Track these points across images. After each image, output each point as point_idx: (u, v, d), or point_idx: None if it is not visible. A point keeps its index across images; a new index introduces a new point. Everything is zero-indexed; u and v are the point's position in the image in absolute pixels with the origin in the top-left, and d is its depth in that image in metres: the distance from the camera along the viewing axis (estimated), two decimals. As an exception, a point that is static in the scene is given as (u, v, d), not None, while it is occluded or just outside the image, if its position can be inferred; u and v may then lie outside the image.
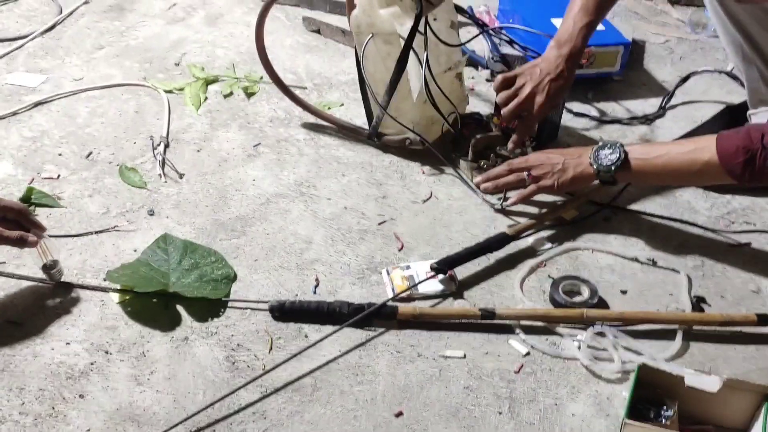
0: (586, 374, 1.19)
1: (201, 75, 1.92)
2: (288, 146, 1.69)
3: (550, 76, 1.46)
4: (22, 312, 1.26)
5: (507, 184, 1.47)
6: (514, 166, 1.46)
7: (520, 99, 1.49)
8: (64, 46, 2.05)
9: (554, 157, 1.43)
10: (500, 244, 1.39)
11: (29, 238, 1.22)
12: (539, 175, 1.43)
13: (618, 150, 1.34)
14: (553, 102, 1.50)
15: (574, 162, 1.40)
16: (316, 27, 2.15)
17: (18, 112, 1.77)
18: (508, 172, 1.47)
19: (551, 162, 1.42)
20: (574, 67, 1.49)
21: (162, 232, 1.41)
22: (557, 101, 1.52)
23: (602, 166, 1.35)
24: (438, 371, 1.19)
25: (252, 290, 1.32)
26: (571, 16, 1.48)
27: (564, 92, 1.51)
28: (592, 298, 1.29)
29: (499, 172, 1.49)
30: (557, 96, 1.50)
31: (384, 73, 1.56)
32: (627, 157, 1.34)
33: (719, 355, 1.22)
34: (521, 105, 1.50)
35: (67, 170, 1.59)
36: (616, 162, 1.34)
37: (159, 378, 1.16)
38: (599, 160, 1.36)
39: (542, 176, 1.42)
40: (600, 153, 1.36)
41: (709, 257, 1.42)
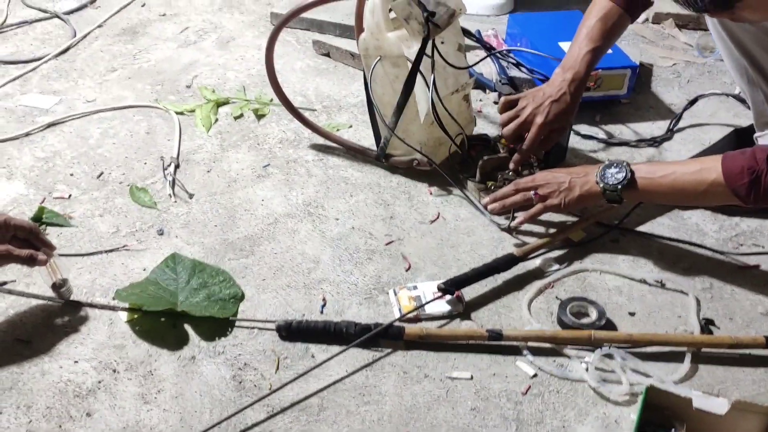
0: (594, 396, 1.18)
1: (212, 97, 1.94)
2: (297, 167, 1.70)
3: (552, 98, 1.48)
4: (31, 330, 1.27)
5: (514, 203, 1.48)
6: (521, 185, 1.47)
7: (521, 120, 1.51)
8: (78, 68, 2.08)
9: (560, 176, 1.43)
10: (508, 265, 1.39)
11: (39, 257, 1.23)
12: (546, 194, 1.43)
13: (624, 169, 1.35)
14: (554, 125, 1.51)
15: (581, 181, 1.40)
16: (326, 50, 2.18)
17: (31, 132, 1.79)
18: (514, 191, 1.48)
19: (557, 181, 1.42)
20: (577, 92, 1.50)
21: (171, 251, 1.42)
22: (558, 124, 1.52)
23: (608, 185, 1.36)
24: (445, 392, 1.19)
25: (260, 310, 1.32)
26: (577, 42, 1.50)
27: (566, 116, 1.52)
28: (599, 320, 1.29)
29: (506, 192, 1.49)
30: (558, 119, 1.50)
31: (392, 95, 1.58)
32: (633, 176, 1.34)
33: (728, 378, 1.22)
34: (521, 125, 1.52)
35: (78, 190, 1.61)
36: (622, 181, 1.34)
37: (166, 397, 1.16)
38: (605, 179, 1.37)
39: (549, 195, 1.43)
40: (606, 172, 1.37)
41: (717, 279, 1.41)
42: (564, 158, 1.73)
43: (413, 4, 1.45)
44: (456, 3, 1.53)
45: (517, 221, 1.48)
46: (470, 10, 2.07)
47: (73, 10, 2.39)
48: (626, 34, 2.32)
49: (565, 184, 1.41)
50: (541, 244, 1.44)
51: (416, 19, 1.46)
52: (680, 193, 1.33)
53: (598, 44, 1.48)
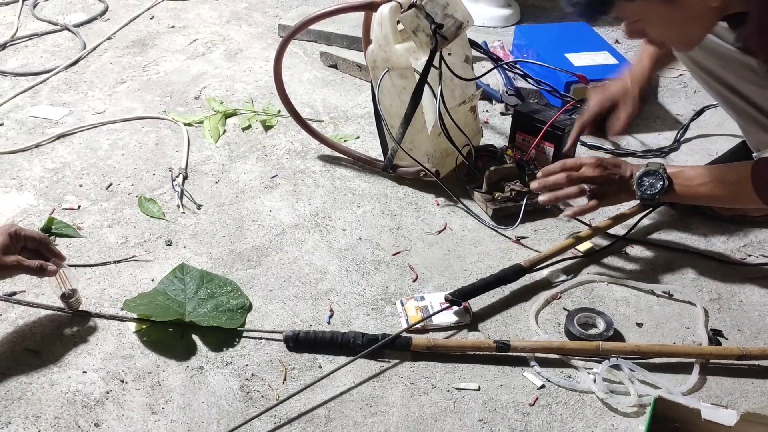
0: (602, 408, 1.18)
1: (220, 108, 1.95)
2: (304, 178, 1.71)
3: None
4: (40, 340, 1.27)
5: (568, 196, 1.42)
6: (575, 175, 1.40)
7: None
8: (87, 80, 2.10)
9: (611, 171, 1.40)
10: (515, 275, 1.39)
11: (49, 268, 1.24)
12: (597, 192, 1.40)
13: (662, 178, 1.35)
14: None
15: (623, 183, 1.39)
16: (333, 62, 2.19)
17: (41, 144, 1.81)
18: (567, 179, 1.41)
19: (609, 177, 1.39)
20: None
21: (179, 262, 1.43)
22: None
23: (646, 194, 1.37)
24: (452, 403, 1.18)
25: (267, 320, 1.33)
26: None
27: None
28: (607, 331, 1.29)
29: (558, 180, 1.42)
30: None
31: (399, 106, 1.58)
32: (671, 185, 1.35)
33: (736, 389, 1.21)
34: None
35: (87, 201, 1.62)
36: (660, 191, 1.36)
37: (174, 407, 1.17)
38: (642, 188, 1.37)
39: (600, 192, 1.40)
40: (644, 181, 1.37)
41: (725, 290, 1.41)
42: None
43: (421, 16, 1.46)
44: (463, 15, 1.54)
45: (571, 212, 1.44)
46: (477, 22, 2.09)
47: (82, 22, 2.42)
48: (632, 45, 2.34)
49: (614, 183, 1.39)
50: (548, 255, 1.44)
51: (424, 30, 1.47)
52: (717, 201, 1.45)
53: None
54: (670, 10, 1.16)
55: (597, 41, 2.05)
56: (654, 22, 1.20)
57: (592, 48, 2.00)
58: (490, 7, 2.45)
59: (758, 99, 1.35)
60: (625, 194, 1.41)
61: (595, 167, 1.39)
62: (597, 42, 2.04)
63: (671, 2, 1.14)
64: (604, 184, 1.39)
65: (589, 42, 2.04)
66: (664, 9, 1.15)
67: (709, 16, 1.19)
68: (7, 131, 1.86)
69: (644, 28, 1.22)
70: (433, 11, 1.47)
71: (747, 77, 1.33)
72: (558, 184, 1.41)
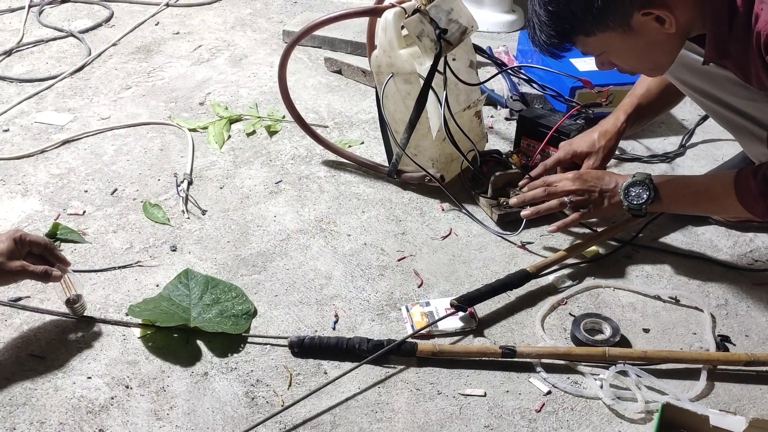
0: (609, 414, 1.17)
1: (225, 114, 1.95)
2: (309, 183, 1.71)
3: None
4: (45, 346, 1.27)
5: (549, 210, 1.46)
6: (554, 188, 1.45)
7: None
8: (93, 86, 2.11)
9: (591, 183, 1.43)
10: (521, 281, 1.39)
11: (53, 273, 1.23)
12: (579, 203, 1.43)
13: (648, 188, 1.36)
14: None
15: (609, 194, 1.42)
16: (338, 67, 2.19)
17: (46, 149, 1.81)
18: (545, 193, 1.45)
19: (589, 189, 1.42)
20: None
21: (184, 267, 1.43)
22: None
23: (633, 204, 1.38)
24: (458, 409, 1.18)
25: (272, 326, 1.32)
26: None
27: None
28: (614, 337, 1.28)
29: (537, 194, 1.46)
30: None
31: (404, 111, 1.58)
32: (658, 194, 1.36)
33: (744, 395, 1.20)
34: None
35: (92, 206, 1.62)
36: (646, 201, 1.36)
37: (178, 413, 1.16)
38: (629, 198, 1.38)
39: (582, 204, 1.43)
40: (630, 191, 1.38)
41: (732, 296, 1.40)
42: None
43: (425, 22, 1.47)
44: (468, 20, 1.54)
45: (554, 228, 1.47)
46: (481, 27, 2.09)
47: (88, 29, 2.43)
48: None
49: (595, 194, 1.42)
50: (554, 260, 1.43)
51: (428, 36, 1.47)
52: (702, 211, 1.48)
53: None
54: (629, 40, 1.18)
55: (602, 46, 2.04)
56: (618, 52, 1.23)
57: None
58: (495, 13, 2.45)
59: (751, 111, 1.35)
60: (611, 206, 1.42)
61: (574, 180, 1.43)
62: (602, 47, 2.04)
63: (629, 32, 1.17)
64: (585, 196, 1.42)
65: (594, 47, 2.03)
66: (624, 39, 1.18)
67: (670, 42, 1.21)
68: (12, 137, 1.86)
69: (611, 59, 1.25)
70: (437, 16, 1.47)
71: (737, 92, 1.34)
72: (537, 198, 1.46)
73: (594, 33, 1.19)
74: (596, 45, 1.22)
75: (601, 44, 1.21)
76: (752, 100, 1.33)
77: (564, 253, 1.45)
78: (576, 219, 1.45)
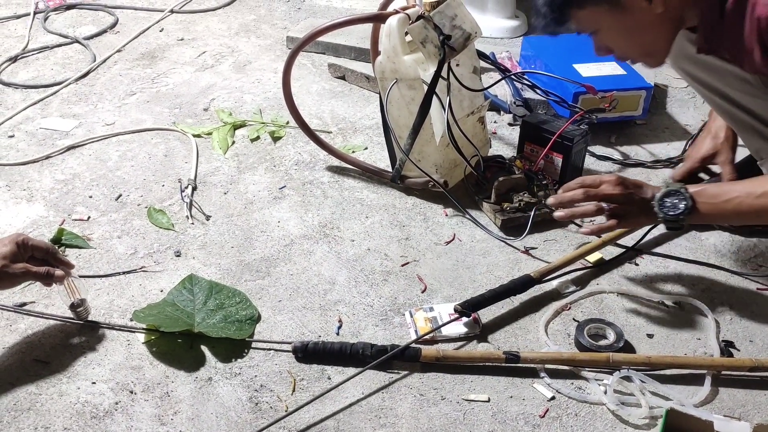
0: (613, 420, 1.17)
1: (229, 120, 1.96)
2: (313, 189, 1.71)
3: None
4: (50, 351, 1.27)
5: (584, 214, 1.36)
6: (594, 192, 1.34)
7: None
8: (97, 92, 2.11)
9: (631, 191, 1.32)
10: (524, 286, 1.39)
11: (56, 273, 1.24)
12: (616, 211, 1.33)
13: (685, 197, 1.27)
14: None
15: (644, 205, 1.32)
16: (342, 73, 2.20)
17: (51, 155, 1.82)
18: (584, 196, 1.34)
19: (628, 197, 1.32)
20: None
21: (188, 273, 1.43)
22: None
23: (669, 216, 1.28)
24: (462, 415, 1.18)
25: (276, 331, 1.33)
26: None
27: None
28: (617, 342, 1.28)
29: (575, 197, 1.35)
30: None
31: (407, 117, 1.59)
32: (695, 204, 1.27)
33: (749, 401, 1.20)
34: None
35: (97, 212, 1.62)
36: (684, 211, 1.27)
37: (182, 418, 1.16)
38: (664, 209, 1.29)
39: (618, 212, 1.32)
40: (665, 202, 1.29)
41: (736, 301, 1.40)
42: (580, 179, 1.72)
43: (429, 28, 1.47)
44: (471, 26, 1.54)
45: (587, 230, 1.37)
46: (485, 33, 2.09)
47: (93, 35, 2.44)
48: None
49: (633, 203, 1.31)
50: (558, 266, 1.43)
51: (432, 42, 1.48)
52: (745, 217, 1.33)
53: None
54: (619, 17, 1.19)
55: (605, 52, 2.05)
56: (609, 31, 1.24)
57: (599, 59, 1.98)
58: (498, 19, 2.45)
59: (754, 107, 1.34)
60: (645, 217, 1.33)
61: (616, 185, 1.32)
62: (605, 53, 2.04)
63: (618, 8, 1.18)
64: (623, 204, 1.32)
65: (597, 53, 2.04)
66: (614, 16, 1.19)
67: (661, 25, 1.21)
68: (17, 143, 1.87)
69: (605, 41, 1.25)
70: (441, 23, 1.48)
71: (742, 88, 1.33)
72: (575, 201, 1.35)
73: (585, 5, 1.20)
74: (588, 20, 1.22)
75: (593, 20, 1.22)
76: (754, 95, 1.32)
77: (567, 258, 1.45)
78: (612, 226, 1.34)
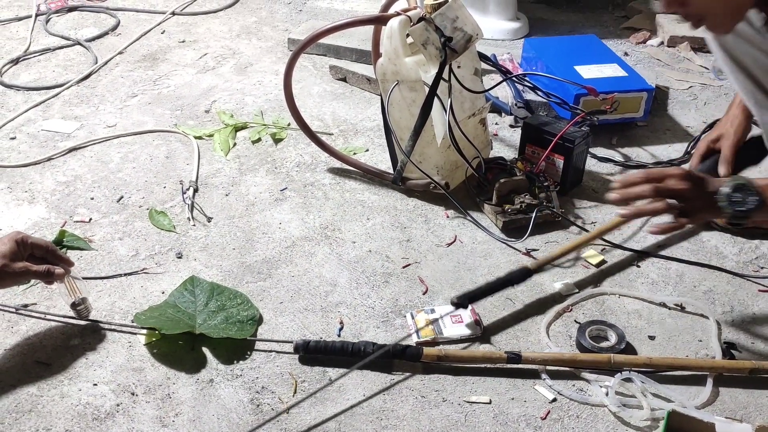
0: (615, 421, 1.17)
1: (230, 122, 1.96)
2: (314, 190, 1.71)
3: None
4: (51, 352, 1.27)
5: (653, 212, 1.27)
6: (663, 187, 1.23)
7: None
8: (99, 94, 2.12)
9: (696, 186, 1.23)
10: (521, 278, 1.39)
11: (57, 271, 1.24)
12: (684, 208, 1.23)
13: (752, 192, 1.20)
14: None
15: (709, 200, 1.23)
16: (343, 75, 2.20)
17: (53, 157, 1.82)
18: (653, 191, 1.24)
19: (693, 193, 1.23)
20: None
21: (190, 274, 1.43)
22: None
23: (737, 211, 1.21)
24: (463, 416, 1.18)
25: (277, 332, 1.33)
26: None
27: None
28: (619, 344, 1.28)
29: (643, 192, 1.24)
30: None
31: (409, 119, 1.59)
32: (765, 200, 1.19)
33: (751, 403, 1.20)
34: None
35: (98, 214, 1.63)
36: (754, 207, 1.20)
37: (184, 420, 1.16)
38: (732, 204, 1.20)
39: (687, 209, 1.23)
40: (733, 197, 1.21)
41: (738, 303, 1.40)
42: (581, 182, 1.73)
43: (431, 30, 1.47)
44: (473, 28, 1.54)
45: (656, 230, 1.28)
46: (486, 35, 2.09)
47: (94, 37, 2.44)
48: (641, 57, 2.34)
49: (699, 199, 1.23)
50: (554, 256, 1.44)
51: (433, 44, 1.48)
52: None
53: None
54: None
55: (606, 54, 2.05)
56: None
57: (601, 60, 2.00)
58: (499, 21, 2.45)
59: None
60: (709, 213, 1.25)
61: (683, 179, 1.22)
62: (606, 54, 2.04)
63: None
64: (691, 200, 1.22)
65: (598, 54, 2.04)
66: None
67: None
68: (19, 145, 1.88)
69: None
70: (442, 24, 1.48)
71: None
72: (641, 197, 1.24)
73: None
74: None
75: None
76: None
77: (564, 249, 1.45)
78: (683, 225, 1.25)
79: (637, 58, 2.33)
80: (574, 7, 2.72)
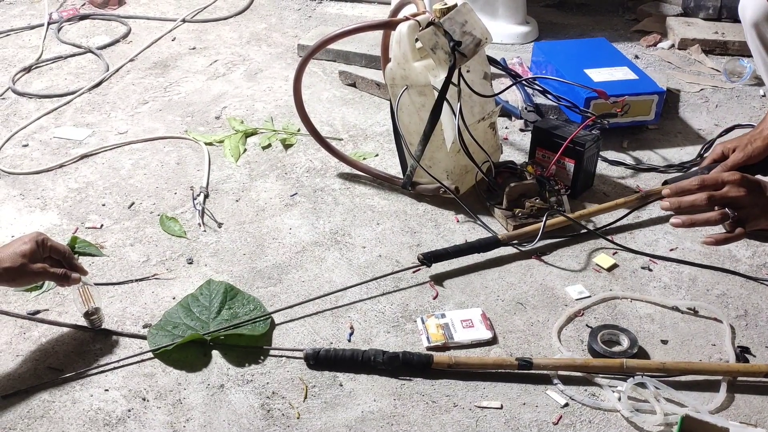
0: (627, 427, 1.16)
1: (240, 128, 1.97)
2: (324, 196, 1.71)
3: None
4: (63, 358, 1.28)
5: (708, 222, 1.19)
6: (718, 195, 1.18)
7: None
8: (110, 101, 2.13)
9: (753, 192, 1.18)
10: (489, 246, 1.49)
11: (73, 275, 1.26)
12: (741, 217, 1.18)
13: None
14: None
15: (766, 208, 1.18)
16: (352, 81, 2.20)
17: (65, 164, 1.83)
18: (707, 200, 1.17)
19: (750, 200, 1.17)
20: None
21: (200, 280, 1.43)
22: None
23: None
24: (474, 422, 1.17)
25: (288, 338, 1.32)
26: None
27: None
28: (631, 348, 1.27)
29: (697, 201, 1.18)
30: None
31: (418, 123, 1.59)
32: None
33: (765, 407, 1.18)
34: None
35: (110, 220, 1.63)
36: None
37: (195, 425, 1.16)
38: None
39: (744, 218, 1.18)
40: None
41: (752, 306, 1.38)
42: (592, 185, 1.72)
43: (440, 34, 1.47)
44: (482, 32, 1.54)
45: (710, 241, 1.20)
46: (495, 39, 2.09)
47: (106, 45, 2.46)
48: (652, 60, 2.33)
49: (756, 206, 1.17)
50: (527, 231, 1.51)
51: (443, 48, 1.48)
52: None
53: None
54: None
55: (616, 56, 2.04)
56: None
57: (611, 63, 1.99)
58: (509, 25, 2.45)
59: None
60: (765, 220, 1.18)
61: (740, 185, 1.16)
62: (616, 57, 2.04)
63: None
64: (748, 208, 1.17)
65: (608, 57, 2.03)
66: None
67: None
68: (31, 152, 1.89)
69: None
70: (451, 29, 1.48)
71: None
72: (696, 206, 1.18)
73: None
74: None
75: None
76: None
77: (537, 226, 1.51)
78: (741, 236, 1.18)
79: (648, 60, 2.32)
80: (583, 10, 2.71)
